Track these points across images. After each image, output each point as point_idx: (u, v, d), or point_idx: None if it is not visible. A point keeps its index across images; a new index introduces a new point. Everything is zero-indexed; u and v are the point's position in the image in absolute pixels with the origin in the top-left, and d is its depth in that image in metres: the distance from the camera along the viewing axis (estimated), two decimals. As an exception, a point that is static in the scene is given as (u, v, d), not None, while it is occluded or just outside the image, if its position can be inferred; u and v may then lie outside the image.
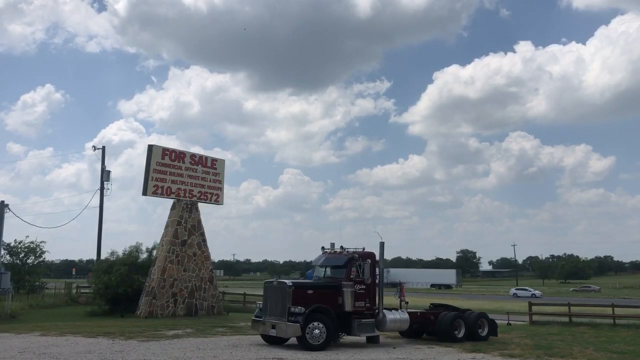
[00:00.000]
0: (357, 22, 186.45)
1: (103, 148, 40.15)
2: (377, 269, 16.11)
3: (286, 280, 15.41)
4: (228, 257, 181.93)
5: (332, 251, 16.52)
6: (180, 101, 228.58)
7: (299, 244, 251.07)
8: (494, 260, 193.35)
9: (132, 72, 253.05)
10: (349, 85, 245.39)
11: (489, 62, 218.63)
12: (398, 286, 17.10)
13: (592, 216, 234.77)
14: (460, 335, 16.74)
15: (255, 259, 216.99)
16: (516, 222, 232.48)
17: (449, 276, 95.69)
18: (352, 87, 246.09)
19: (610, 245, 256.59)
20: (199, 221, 27.86)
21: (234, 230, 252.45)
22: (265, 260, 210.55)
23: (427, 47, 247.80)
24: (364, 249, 16.22)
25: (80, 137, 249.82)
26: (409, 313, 16.58)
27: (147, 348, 14.14)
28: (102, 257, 34.33)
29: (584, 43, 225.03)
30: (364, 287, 15.51)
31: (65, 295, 37.07)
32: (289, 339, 14.94)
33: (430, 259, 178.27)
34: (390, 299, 17.71)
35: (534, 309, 25.27)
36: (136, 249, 29.49)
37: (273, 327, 14.58)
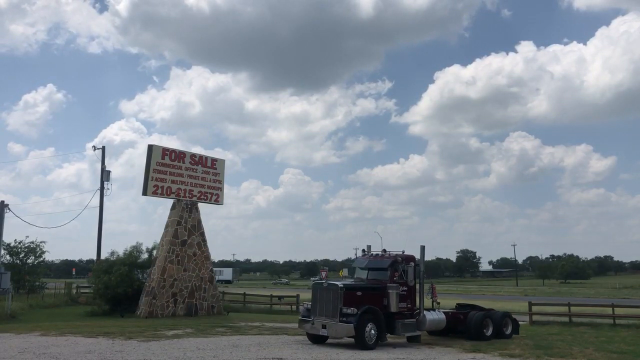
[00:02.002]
0: (358, 22, 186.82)
1: (103, 148, 40.15)
2: (417, 272, 16.51)
3: (337, 282, 15.70)
4: (228, 257, 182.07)
5: (374, 254, 17.02)
6: (182, 101, 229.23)
7: (299, 244, 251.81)
8: (494, 260, 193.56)
9: (134, 72, 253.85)
10: (351, 85, 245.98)
11: (491, 62, 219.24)
12: (430, 287, 17.48)
13: (592, 216, 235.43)
14: (489, 333, 17.31)
15: (255, 259, 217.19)
16: (516, 222, 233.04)
17: (227, 273, 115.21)
18: (354, 87, 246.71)
19: (610, 245, 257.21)
20: (199, 221, 27.84)
21: (234, 230, 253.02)
22: (265, 260, 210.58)
23: (428, 47, 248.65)
24: (403, 252, 16.68)
25: (81, 137, 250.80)
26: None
27: (147, 348, 14.13)
28: (102, 257, 34.33)
29: (585, 43, 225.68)
30: (405, 289, 16.08)
31: (65, 295, 37.08)
32: (327, 337, 15.41)
33: (430, 259, 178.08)
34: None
35: (534, 309, 25.25)
36: (136, 249, 29.47)
37: (323, 327, 14.98)
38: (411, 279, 16.22)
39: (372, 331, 14.71)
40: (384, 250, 16.87)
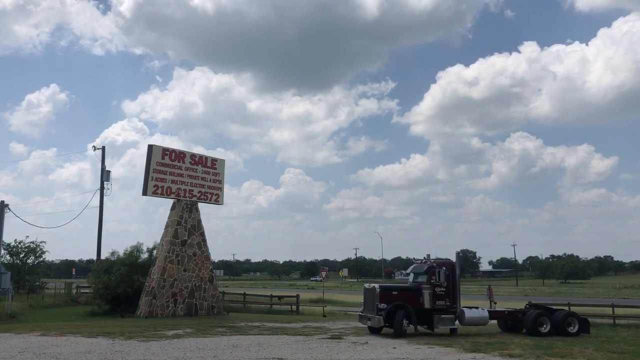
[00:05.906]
0: (362, 22, 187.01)
1: (103, 148, 40.23)
2: (450, 274, 19.21)
3: (375, 285, 19.13)
4: (228, 257, 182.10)
5: (420, 261, 20.43)
6: (185, 101, 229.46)
7: (299, 244, 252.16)
8: (494, 260, 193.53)
9: (137, 72, 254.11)
10: (353, 85, 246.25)
11: (494, 62, 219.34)
12: (487, 289, 20.19)
13: (593, 216, 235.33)
14: (545, 331, 18.94)
15: (255, 259, 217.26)
16: (517, 222, 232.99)
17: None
18: (356, 87, 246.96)
19: (610, 245, 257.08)
20: (199, 221, 27.83)
21: (235, 230, 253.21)
22: (265, 260, 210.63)
23: (431, 48, 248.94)
24: (447, 258, 19.96)
25: (84, 137, 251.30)
26: (495, 311, 20.21)
27: (147, 348, 14.14)
28: (103, 257, 34.34)
29: (587, 43, 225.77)
30: (443, 289, 19.00)
31: (65, 295, 37.11)
32: (381, 328, 18.52)
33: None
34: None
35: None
36: (136, 249, 29.48)
37: (368, 319, 18.66)
38: (443, 280, 18.94)
39: (401, 322, 17.77)
40: (425, 258, 20.32)
